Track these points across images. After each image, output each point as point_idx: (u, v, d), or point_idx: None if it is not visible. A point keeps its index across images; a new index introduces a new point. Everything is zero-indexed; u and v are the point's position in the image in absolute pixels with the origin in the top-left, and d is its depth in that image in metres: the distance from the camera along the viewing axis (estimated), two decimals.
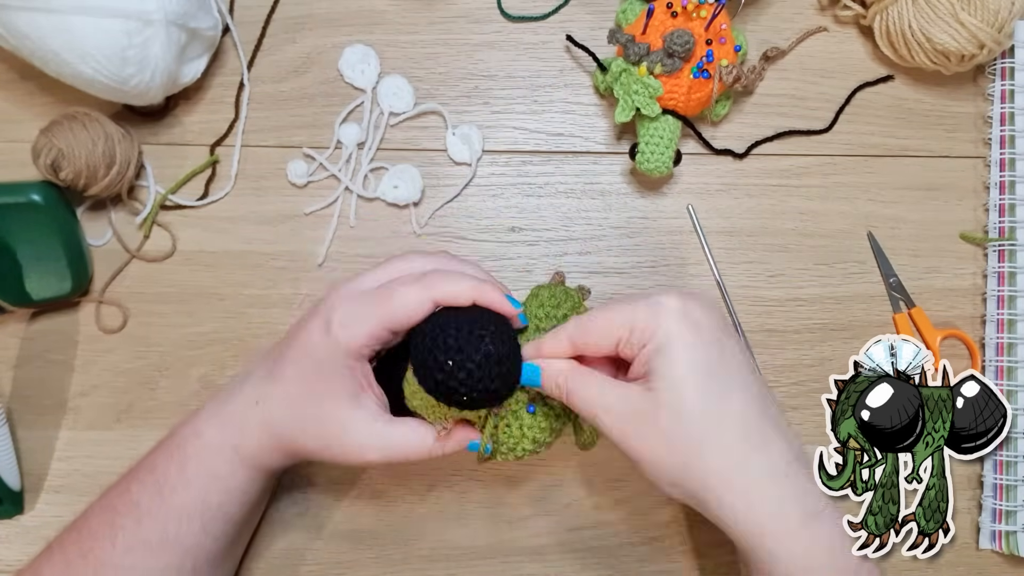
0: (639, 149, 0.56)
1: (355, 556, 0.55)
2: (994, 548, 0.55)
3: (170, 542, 0.45)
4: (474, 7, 0.62)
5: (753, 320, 0.58)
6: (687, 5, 0.55)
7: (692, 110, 0.57)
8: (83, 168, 0.54)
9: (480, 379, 0.42)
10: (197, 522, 0.46)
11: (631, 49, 0.55)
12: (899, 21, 0.57)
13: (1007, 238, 0.58)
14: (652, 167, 0.56)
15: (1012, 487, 0.55)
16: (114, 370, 0.57)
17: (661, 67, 0.54)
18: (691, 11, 0.55)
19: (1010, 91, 0.59)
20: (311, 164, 0.59)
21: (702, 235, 0.58)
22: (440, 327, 0.43)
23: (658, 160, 0.56)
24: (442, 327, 0.43)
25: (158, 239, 0.59)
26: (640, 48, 0.55)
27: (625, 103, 0.55)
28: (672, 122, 0.56)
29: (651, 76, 0.54)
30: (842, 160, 0.60)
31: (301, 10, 0.61)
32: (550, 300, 0.49)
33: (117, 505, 0.46)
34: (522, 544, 0.55)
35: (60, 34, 0.50)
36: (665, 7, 0.55)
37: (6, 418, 0.54)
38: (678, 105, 0.56)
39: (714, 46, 0.55)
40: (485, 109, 0.60)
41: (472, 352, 0.42)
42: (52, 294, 0.56)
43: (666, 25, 0.55)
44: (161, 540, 0.45)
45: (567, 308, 0.49)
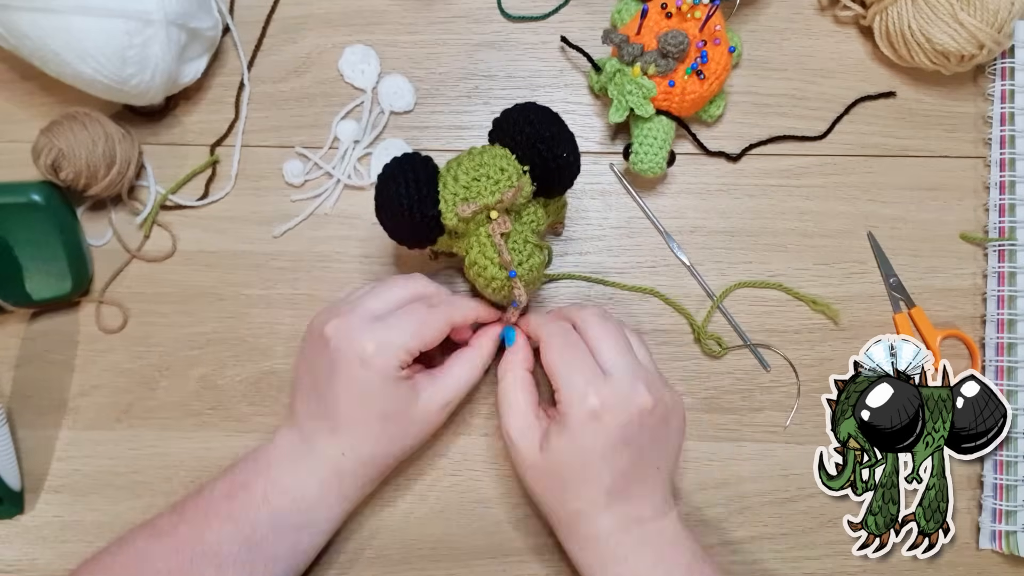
0: (633, 149, 0.56)
1: (355, 556, 0.55)
2: (994, 548, 0.55)
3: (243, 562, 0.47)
4: (474, 7, 0.62)
5: (753, 320, 0.58)
6: (681, 6, 0.55)
7: (686, 111, 0.57)
8: (83, 168, 0.54)
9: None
10: (283, 564, 0.49)
11: (625, 50, 0.55)
12: (899, 21, 0.57)
13: (1007, 238, 0.58)
14: (646, 167, 0.56)
15: (1012, 487, 0.55)
16: (114, 370, 0.57)
17: (655, 68, 0.54)
18: (686, 12, 0.55)
19: (1010, 91, 0.59)
20: (307, 163, 0.59)
21: (634, 194, 0.59)
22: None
23: (651, 160, 0.56)
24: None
25: (158, 239, 0.59)
26: (634, 49, 0.55)
27: (619, 103, 0.55)
28: (666, 123, 0.56)
29: (645, 77, 0.54)
30: (842, 160, 0.60)
31: (301, 10, 0.61)
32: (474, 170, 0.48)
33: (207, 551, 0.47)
34: (522, 544, 0.55)
35: (60, 34, 0.50)
36: (659, 7, 0.55)
37: (6, 418, 0.54)
38: (672, 106, 0.56)
39: (708, 47, 0.55)
40: (485, 109, 0.60)
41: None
42: (52, 294, 0.56)
43: (660, 26, 0.55)
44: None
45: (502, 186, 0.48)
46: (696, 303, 0.58)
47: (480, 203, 0.47)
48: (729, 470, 0.56)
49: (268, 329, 0.57)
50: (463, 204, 0.47)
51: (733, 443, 0.57)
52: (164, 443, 0.56)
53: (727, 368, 0.58)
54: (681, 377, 0.57)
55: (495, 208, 0.48)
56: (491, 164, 0.48)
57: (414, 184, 0.47)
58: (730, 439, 0.57)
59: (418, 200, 0.47)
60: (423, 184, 0.47)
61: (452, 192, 0.47)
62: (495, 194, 0.47)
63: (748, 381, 0.57)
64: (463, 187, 0.47)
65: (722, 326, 0.58)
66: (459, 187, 0.47)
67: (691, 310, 0.58)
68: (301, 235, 0.59)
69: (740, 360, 0.58)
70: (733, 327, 0.58)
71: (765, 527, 0.56)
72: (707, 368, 0.58)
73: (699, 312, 0.58)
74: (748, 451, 0.57)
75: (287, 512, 0.48)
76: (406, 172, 0.47)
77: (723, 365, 0.58)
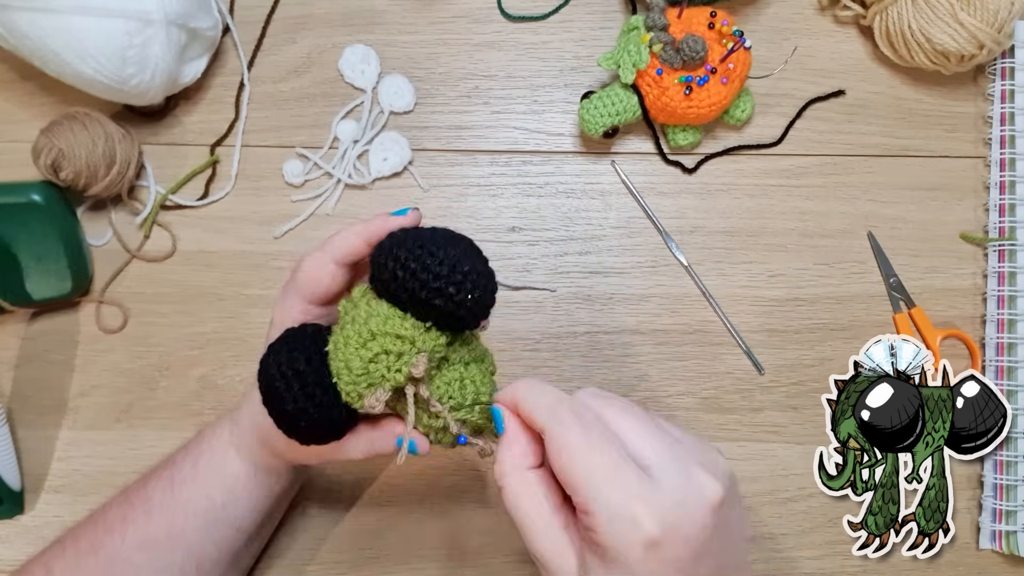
0: (590, 99, 0.57)
1: (355, 556, 0.55)
2: (994, 548, 0.55)
3: (175, 538, 0.45)
4: (474, 7, 0.62)
5: (753, 320, 0.58)
6: (723, 28, 0.55)
7: (657, 112, 0.57)
8: (83, 168, 0.54)
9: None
10: (200, 519, 0.46)
11: (653, 17, 0.55)
12: (899, 21, 0.57)
13: (1007, 238, 0.58)
14: (587, 119, 0.56)
15: (1012, 487, 0.55)
16: (114, 370, 0.57)
17: (661, 49, 0.54)
18: (722, 34, 0.55)
19: (1010, 91, 0.59)
20: (307, 163, 0.59)
21: (636, 192, 0.59)
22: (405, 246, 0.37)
23: (593, 118, 0.56)
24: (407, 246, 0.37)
25: (158, 239, 0.59)
26: (660, 21, 0.55)
27: (615, 54, 0.56)
28: (631, 102, 0.56)
29: (647, 49, 0.55)
30: (842, 160, 0.60)
31: (301, 10, 0.61)
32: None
33: (132, 498, 0.47)
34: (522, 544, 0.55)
35: (60, 34, 0.50)
36: (709, 16, 0.56)
37: (6, 418, 0.54)
38: (649, 96, 0.56)
39: (712, 77, 0.55)
40: (485, 109, 0.60)
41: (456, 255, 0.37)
42: (52, 294, 0.56)
43: (696, 28, 0.56)
44: (167, 535, 0.45)
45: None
46: (694, 303, 0.58)
47: (387, 387, 0.37)
48: None
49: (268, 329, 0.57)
50: (370, 396, 0.38)
51: (733, 443, 0.57)
52: (164, 443, 0.56)
53: (727, 368, 0.58)
54: (681, 377, 0.57)
55: (409, 384, 0.38)
56: (383, 335, 0.37)
57: (303, 395, 0.38)
58: (730, 439, 0.57)
59: (316, 410, 0.38)
60: (315, 389, 0.38)
61: (351, 383, 0.38)
62: (400, 371, 0.37)
63: (748, 381, 0.57)
64: (359, 375, 0.37)
65: (720, 326, 0.58)
66: (355, 377, 0.37)
67: (690, 309, 0.58)
68: (301, 235, 0.59)
69: (740, 360, 0.58)
70: (728, 328, 0.58)
71: (765, 527, 0.56)
72: (707, 368, 0.58)
73: (700, 312, 0.58)
74: (748, 451, 0.57)
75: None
76: (289, 381, 0.38)
77: (723, 365, 0.58)
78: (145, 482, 0.48)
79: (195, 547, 0.46)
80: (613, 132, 0.57)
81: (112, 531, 0.46)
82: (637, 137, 0.60)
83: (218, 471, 0.47)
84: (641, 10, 0.60)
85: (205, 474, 0.47)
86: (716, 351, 0.58)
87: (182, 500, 0.46)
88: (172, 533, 0.45)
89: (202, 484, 0.47)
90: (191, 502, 0.46)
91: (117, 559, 0.45)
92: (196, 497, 0.46)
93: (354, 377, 0.37)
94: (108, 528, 0.46)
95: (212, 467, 0.47)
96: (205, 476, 0.47)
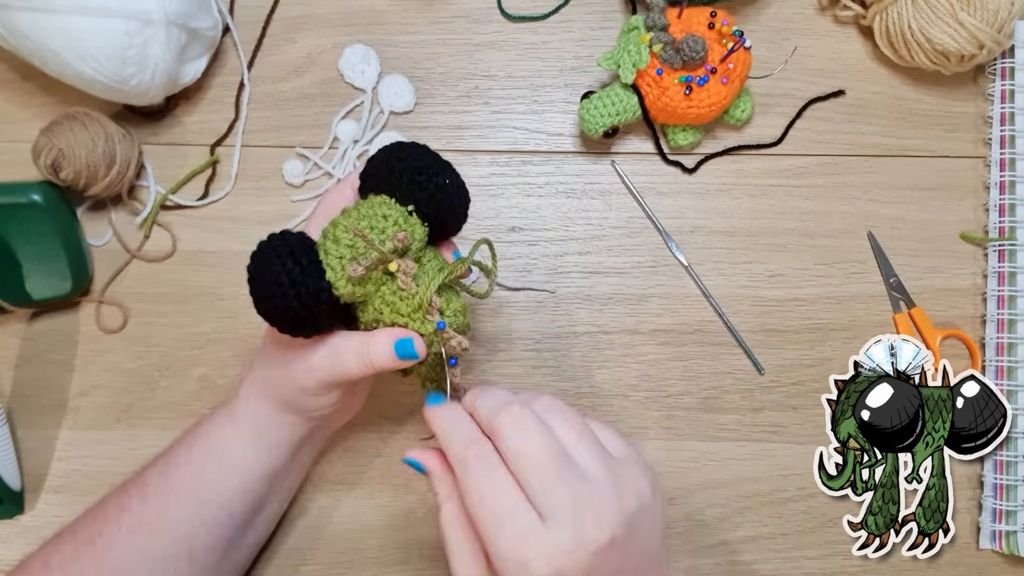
0: (591, 99, 0.57)
1: (355, 556, 0.55)
2: (994, 548, 0.55)
3: (167, 521, 0.46)
4: (474, 7, 0.62)
5: (753, 320, 0.58)
6: (723, 28, 0.55)
7: (657, 112, 0.57)
8: (83, 168, 0.54)
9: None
10: (192, 501, 0.46)
11: (653, 17, 0.55)
12: (899, 21, 0.57)
13: (1007, 238, 0.58)
14: (587, 119, 0.56)
15: (1012, 487, 0.55)
16: (114, 370, 0.57)
17: (661, 49, 0.54)
18: (723, 34, 0.55)
19: (1010, 91, 0.59)
20: (307, 163, 0.59)
21: (635, 192, 0.59)
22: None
23: (593, 118, 0.56)
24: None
25: (158, 239, 0.59)
26: (660, 21, 0.55)
27: (615, 54, 0.56)
28: (631, 102, 0.56)
29: (647, 49, 0.55)
30: (842, 160, 0.60)
31: (301, 10, 0.61)
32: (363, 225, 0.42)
33: (130, 488, 0.47)
34: None
35: (60, 34, 0.50)
36: (709, 16, 0.56)
37: (6, 418, 0.54)
38: (649, 96, 0.56)
39: (712, 77, 0.55)
40: (485, 109, 0.60)
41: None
42: (52, 294, 0.56)
43: (696, 28, 0.56)
44: (160, 519, 0.46)
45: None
46: (694, 303, 0.58)
47: (371, 257, 0.41)
48: (729, 470, 0.56)
49: None
50: (352, 264, 0.40)
51: (733, 443, 0.57)
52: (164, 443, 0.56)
53: (727, 368, 0.58)
54: (681, 377, 0.57)
55: (390, 259, 0.41)
56: (371, 215, 0.42)
57: (291, 259, 0.40)
58: (730, 439, 0.57)
59: (300, 274, 0.40)
60: (301, 256, 0.41)
61: (337, 256, 0.41)
62: (385, 243, 0.41)
63: (748, 381, 0.57)
64: (347, 247, 0.41)
65: (720, 326, 0.58)
66: (343, 248, 0.41)
67: (690, 309, 0.58)
68: None
69: (740, 360, 0.58)
70: (728, 327, 0.58)
71: (765, 527, 0.56)
72: (707, 368, 0.58)
73: (700, 312, 0.58)
74: (748, 451, 0.57)
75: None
76: (278, 250, 0.41)
77: (723, 365, 0.58)
78: (142, 472, 0.48)
79: (185, 528, 0.46)
80: (613, 132, 0.57)
81: (109, 520, 0.46)
82: (637, 137, 0.60)
83: (212, 450, 0.48)
84: (641, 10, 0.60)
85: (199, 457, 0.47)
86: (716, 351, 0.58)
87: (175, 483, 0.47)
88: (164, 517, 0.46)
89: (195, 466, 0.47)
90: (183, 484, 0.47)
91: (113, 545, 0.45)
92: (188, 479, 0.47)
93: (342, 249, 0.41)
94: (105, 517, 0.46)
95: (206, 449, 0.48)
96: (199, 459, 0.47)
